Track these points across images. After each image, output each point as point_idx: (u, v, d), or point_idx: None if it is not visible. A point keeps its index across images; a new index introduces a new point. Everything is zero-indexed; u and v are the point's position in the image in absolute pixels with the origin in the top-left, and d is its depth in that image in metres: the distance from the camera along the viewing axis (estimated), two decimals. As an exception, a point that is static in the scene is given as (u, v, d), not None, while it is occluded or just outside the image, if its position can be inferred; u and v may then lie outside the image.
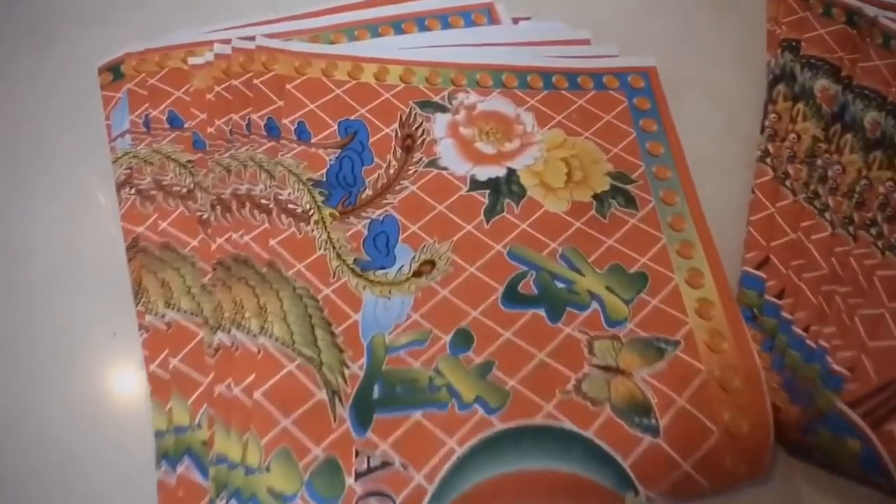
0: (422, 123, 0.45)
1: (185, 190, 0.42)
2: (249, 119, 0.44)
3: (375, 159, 0.43)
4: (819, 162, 0.45)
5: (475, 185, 0.42)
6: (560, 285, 0.38)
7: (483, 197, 0.42)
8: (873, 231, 0.41)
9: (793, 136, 0.46)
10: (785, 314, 0.39)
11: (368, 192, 0.42)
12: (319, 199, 0.41)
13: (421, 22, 0.51)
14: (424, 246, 0.40)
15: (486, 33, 0.50)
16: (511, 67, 0.48)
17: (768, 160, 0.46)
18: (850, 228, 0.41)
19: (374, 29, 0.50)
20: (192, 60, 0.48)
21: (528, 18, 0.52)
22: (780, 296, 0.40)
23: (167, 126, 0.45)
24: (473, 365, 0.36)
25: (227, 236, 0.40)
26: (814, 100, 0.48)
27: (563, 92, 0.47)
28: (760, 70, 0.51)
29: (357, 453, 0.33)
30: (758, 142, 0.47)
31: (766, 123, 0.48)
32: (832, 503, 0.35)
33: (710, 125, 0.48)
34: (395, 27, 0.51)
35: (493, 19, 0.52)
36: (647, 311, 0.37)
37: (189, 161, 0.44)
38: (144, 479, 0.34)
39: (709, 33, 0.54)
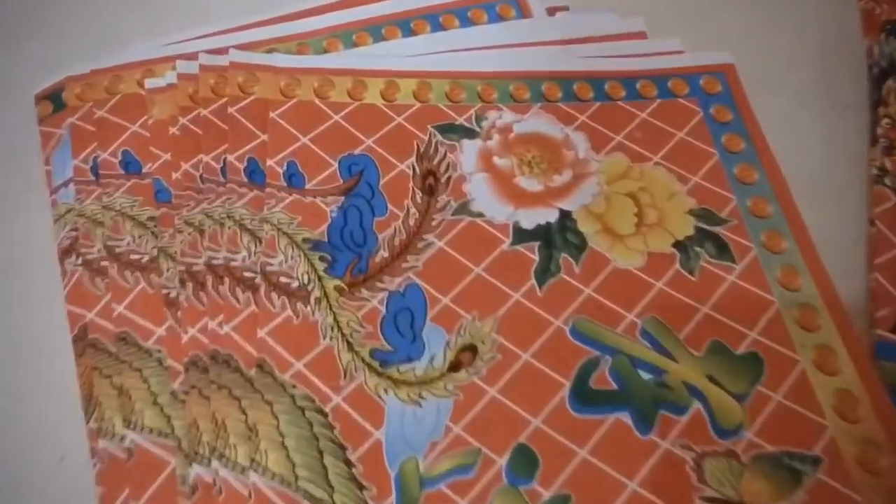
0: (445, 155, 0.35)
1: (146, 259, 0.33)
2: (225, 160, 0.34)
3: (389, 207, 0.33)
4: (954, 181, 0.35)
5: (520, 235, 0.33)
6: (646, 376, 0.29)
7: (532, 252, 0.32)
8: None
9: (915, 147, 0.36)
10: (941, 398, 0.29)
11: (383, 253, 0.32)
12: (321, 267, 0.31)
13: (434, 19, 0.41)
14: (461, 326, 0.30)
15: (516, 30, 0.40)
16: (551, 74, 0.38)
17: (887, 180, 0.36)
18: None
19: (376, 31, 0.40)
20: (149, 83, 0.38)
21: (565, 8, 0.42)
22: (928, 369, 0.30)
23: (121, 171, 0.36)
24: (542, 502, 0.26)
25: (201, 324, 0.31)
26: (936, 98, 0.38)
27: (619, 103, 0.37)
28: (860, 61, 0.41)
29: None
30: (869, 156, 0.37)
31: (879, 132, 0.38)
32: None
33: (805, 136, 0.38)
34: (402, 27, 0.41)
35: (522, 11, 0.42)
36: (769, 411, 0.28)
37: (150, 218, 0.34)
38: None
39: (790, 19, 0.43)
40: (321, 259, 0.32)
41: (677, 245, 0.33)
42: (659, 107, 0.38)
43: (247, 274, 0.32)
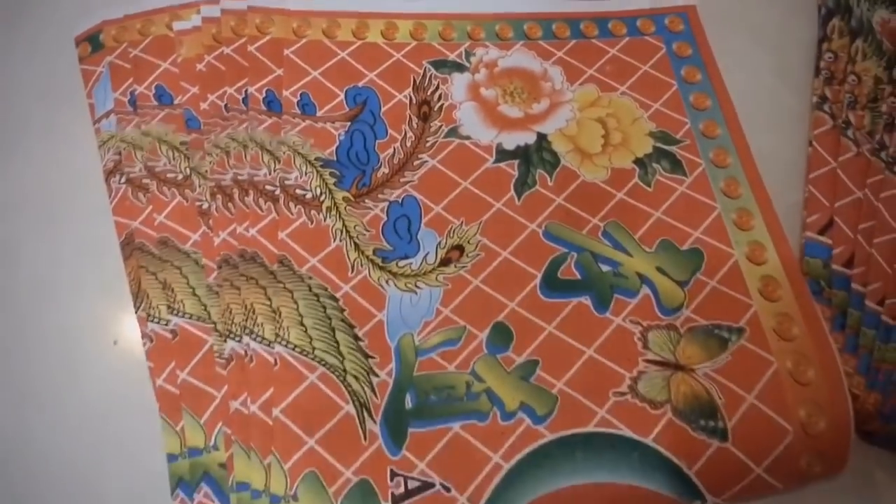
0: (438, 86, 0.40)
1: (180, 177, 0.38)
2: (247, 92, 0.39)
3: (389, 131, 0.39)
4: (884, 107, 0.40)
5: (502, 154, 0.38)
6: (605, 268, 0.34)
7: (512, 168, 0.38)
8: (952, 186, 0.36)
9: (852, 77, 0.41)
10: (856, 286, 0.35)
11: (384, 169, 0.37)
12: (331, 181, 0.37)
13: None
14: (451, 229, 0.36)
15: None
16: (533, 15, 0.43)
17: (826, 107, 0.41)
18: (925, 184, 0.37)
19: (378, -23, 0.45)
20: (177, 26, 0.43)
21: (548, -44, 0.47)
22: (848, 264, 0.36)
23: (155, 103, 0.40)
24: (515, 365, 0.32)
25: (230, 229, 0.36)
26: (873, 35, 0.43)
27: (593, 41, 0.42)
28: (811, 4, 0.46)
29: (392, 475, 0.30)
30: (813, 86, 0.42)
31: (822, 65, 0.43)
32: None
33: (758, 69, 0.43)
34: (401, -26, 0.45)
35: (510, -41, 0.46)
36: (706, 294, 0.33)
37: (183, 143, 0.39)
38: (160, 505, 0.31)
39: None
40: (331, 174, 0.37)
41: (637, 161, 0.38)
42: (627, 44, 0.42)
43: (268, 187, 0.37)
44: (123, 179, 0.38)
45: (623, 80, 0.41)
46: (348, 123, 0.39)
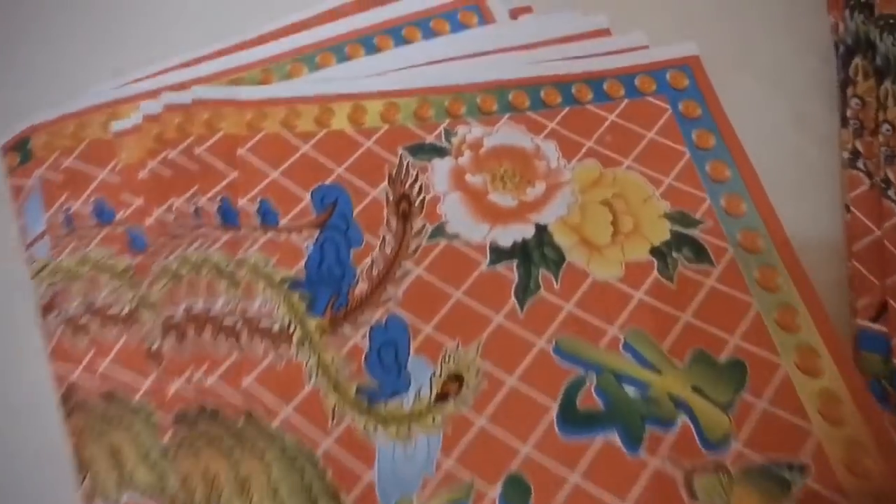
0: (417, 177, 0.35)
1: (125, 311, 0.33)
2: (197, 204, 0.34)
3: (365, 237, 0.33)
4: (928, 160, 0.35)
5: (498, 254, 0.33)
6: (632, 391, 0.29)
7: (511, 271, 0.32)
8: None
9: (886, 127, 0.36)
10: (926, 387, 0.29)
11: (362, 285, 0.32)
12: (301, 306, 0.31)
13: (396, 34, 0.40)
14: (445, 354, 0.30)
15: (480, 38, 0.40)
16: (518, 82, 0.38)
17: (860, 164, 0.36)
18: None
19: (339, 51, 0.40)
20: (115, 126, 0.37)
21: (529, 9, 0.42)
22: (912, 358, 0.30)
23: (94, 221, 0.35)
24: (537, 530, 0.26)
25: (186, 375, 0.30)
26: (904, 73, 0.37)
27: (588, 106, 0.37)
28: (825, 40, 0.41)
29: None
30: (840, 139, 0.37)
31: (848, 113, 0.38)
32: None
33: (775, 123, 0.38)
34: (365, 45, 0.40)
35: (484, 17, 0.41)
36: (755, 418, 0.28)
37: (127, 268, 0.34)
38: None
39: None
40: (301, 298, 0.32)
41: (654, 252, 0.33)
42: (627, 107, 0.37)
43: (227, 321, 0.32)
44: (60, 318, 0.33)
45: (627, 151, 0.36)
46: (317, 232, 0.33)
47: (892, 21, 0.39)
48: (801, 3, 0.43)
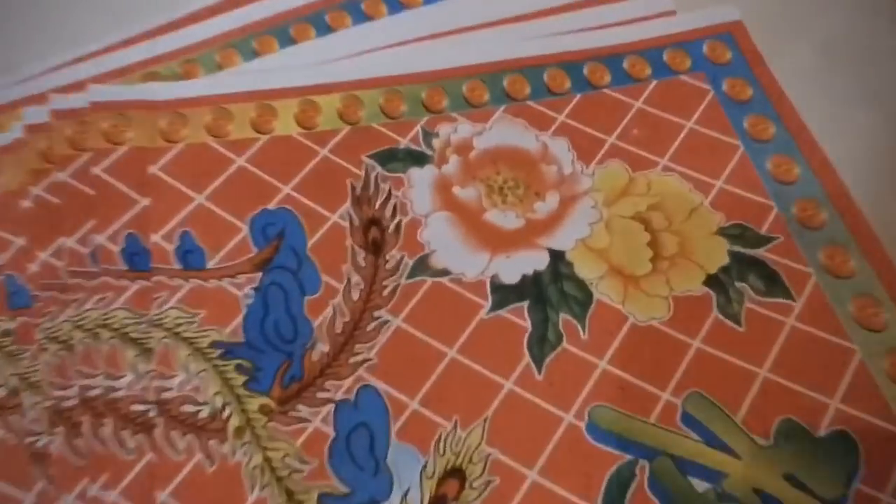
0: (390, 193, 0.27)
1: (3, 393, 0.24)
2: (94, 243, 0.25)
3: (324, 279, 0.25)
4: None
5: (503, 294, 0.25)
6: (701, 485, 0.21)
7: (521, 317, 0.24)
8: None
9: None
10: None
11: (322, 347, 0.24)
12: (238, 381, 0.23)
13: (355, 8, 0.32)
14: (440, 439, 0.22)
15: (463, 8, 0.31)
16: (513, 63, 0.30)
17: (961, 153, 0.28)
18: None
19: (282, 33, 0.31)
20: (-9, 141, 0.28)
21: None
22: None
23: (-40, 271, 0.26)
24: None
25: (80, 489, 0.22)
26: None
27: (605, 91, 0.29)
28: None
29: None
30: (934, 123, 0.29)
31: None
32: None
33: (839, 102, 0.30)
34: (315, 23, 0.32)
35: (466, -17, 0.32)
36: (878, 521, 0.20)
37: (5, 333, 0.25)
38: None
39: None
40: (238, 369, 0.23)
41: (710, 281, 0.25)
42: (657, 90, 0.29)
43: (136, 407, 0.23)
44: (-87, 409, 0.24)
45: (661, 147, 0.28)
46: (259, 275, 0.25)
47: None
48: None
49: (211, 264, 0.25)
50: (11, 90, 0.30)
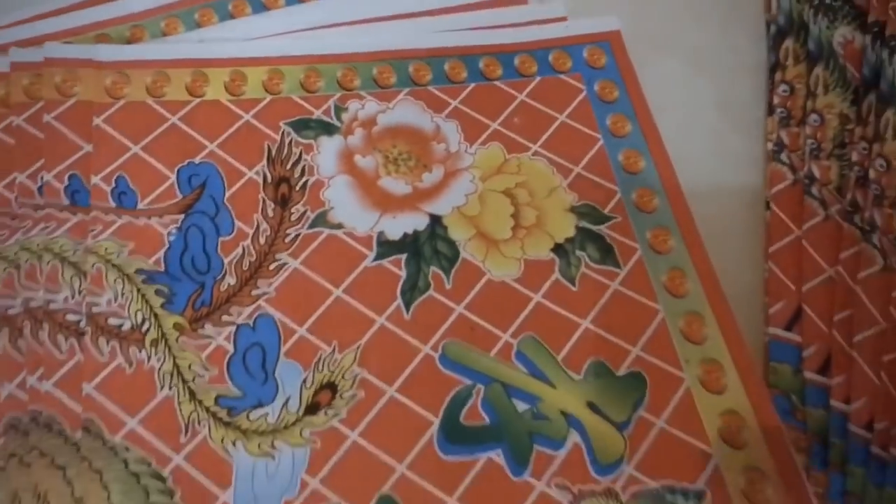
0: (301, 156, 0.31)
1: (-45, 301, 0.28)
2: (42, 180, 0.30)
3: (237, 224, 0.30)
4: (854, 155, 0.32)
5: (386, 247, 0.29)
6: (521, 406, 0.26)
7: (398, 267, 0.29)
8: (943, 262, 0.29)
9: (814, 117, 0.34)
10: (836, 403, 0.27)
11: (230, 279, 0.29)
12: (157, 302, 0.28)
13: (289, -10, 0.36)
14: (319, 359, 0.27)
15: (381, 0, 0.36)
16: (419, 52, 0.35)
17: (784, 156, 0.33)
18: (911, 258, 0.30)
19: (221, 7, 0.36)
20: (-46, 85, 0.32)
21: (437, -30, 0.38)
22: (824, 370, 0.28)
23: (-77, 196, 0.30)
24: (406, 563, 0.24)
25: (19, 379, 0.27)
26: (835, 59, 0.35)
27: (496, 83, 0.34)
28: (758, 19, 0.38)
29: None
30: (766, 129, 0.35)
31: (775, 101, 0.35)
32: None
33: (697, 108, 0.35)
34: (251, 2, 0.36)
35: (390, -24, 0.37)
36: (651, 439, 0.26)
37: (-40, 252, 0.29)
38: None
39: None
40: (157, 293, 0.28)
41: (557, 249, 0.30)
42: (539, 85, 0.34)
43: (69, 317, 0.28)
44: None
45: (535, 135, 0.32)
46: (181, 217, 0.30)
47: (826, 0, 0.36)
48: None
49: (141, 205, 0.30)
50: (-25, 39, 0.34)
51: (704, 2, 0.39)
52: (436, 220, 0.30)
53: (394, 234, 0.30)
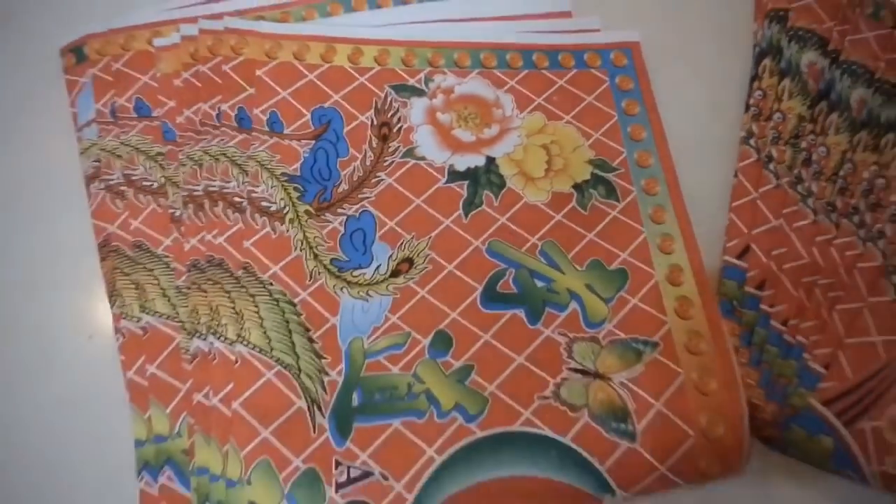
0: (398, 110, 0.44)
1: (155, 185, 0.41)
2: (220, 109, 0.43)
3: (351, 150, 0.42)
4: (804, 143, 0.44)
5: (453, 175, 0.42)
6: (540, 284, 0.38)
7: (462, 189, 0.41)
8: (855, 219, 0.40)
9: (778, 115, 0.45)
10: (764, 307, 0.39)
11: (344, 186, 0.41)
12: (294, 195, 0.40)
13: (396, -5, 0.49)
14: (402, 243, 0.39)
15: (466, 6, 0.48)
16: (490, 45, 0.47)
17: (752, 141, 0.45)
18: (833, 216, 0.41)
19: (347, 3, 0.48)
20: (157, 42, 0.46)
21: (507, -12, 0.50)
22: (760, 287, 0.39)
23: (135, 115, 0.44)
24: (452, 370, 0.36)
25: (200, 236, 0.39)
26: (800, 76, 0.46)
27: (543, 71, 0.46)
28: (748, 42, 0.50)
29: (337, 464, 0.33)
30: (742, 121, 0.46)
31: (751, 101, 0.47)
32: (806, 493, 0.36)
33: (694, 103, 0.47)
34: (368, 1, 0.49)
35: (471, -10, 0.50)
36: (627, 310, 0.37)
37: (159, 154, 0.42)
38: (125, 487, 0.35)
39: (695, 1, 0.52)
40: (295, 189, 0.41)
41: (576, 187, 0.42)
42: (575, 76, 0.46)
43: (236, 199, 0.40)
44: (102, 186, 0.41)
45: (568, 109, 0.44)
46: (313, 142, 0.42)
47: (799, 32, 0.48)
48: (739, 10, 0.52)
49: (287, 131, 0.43)
50: (173, 13, 0.48)
51: (707, 26, 0.50)
52: (490, 160, 0.43)
53: (461, 167, 0.42)
